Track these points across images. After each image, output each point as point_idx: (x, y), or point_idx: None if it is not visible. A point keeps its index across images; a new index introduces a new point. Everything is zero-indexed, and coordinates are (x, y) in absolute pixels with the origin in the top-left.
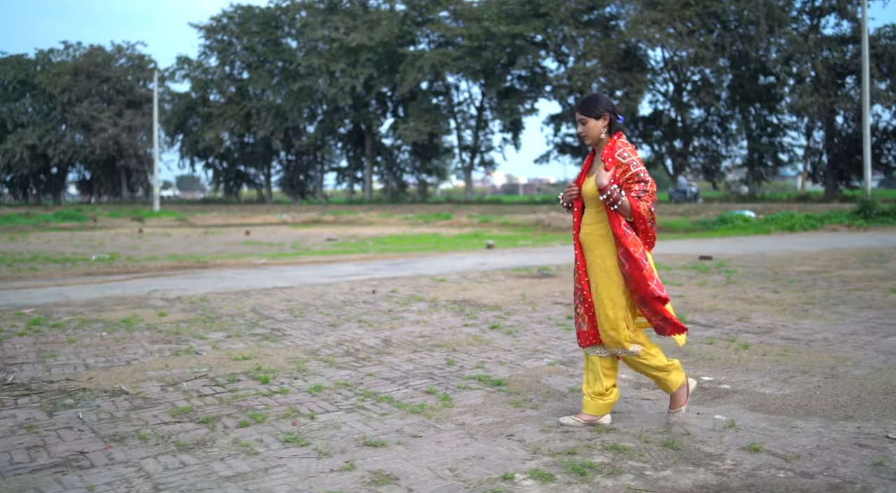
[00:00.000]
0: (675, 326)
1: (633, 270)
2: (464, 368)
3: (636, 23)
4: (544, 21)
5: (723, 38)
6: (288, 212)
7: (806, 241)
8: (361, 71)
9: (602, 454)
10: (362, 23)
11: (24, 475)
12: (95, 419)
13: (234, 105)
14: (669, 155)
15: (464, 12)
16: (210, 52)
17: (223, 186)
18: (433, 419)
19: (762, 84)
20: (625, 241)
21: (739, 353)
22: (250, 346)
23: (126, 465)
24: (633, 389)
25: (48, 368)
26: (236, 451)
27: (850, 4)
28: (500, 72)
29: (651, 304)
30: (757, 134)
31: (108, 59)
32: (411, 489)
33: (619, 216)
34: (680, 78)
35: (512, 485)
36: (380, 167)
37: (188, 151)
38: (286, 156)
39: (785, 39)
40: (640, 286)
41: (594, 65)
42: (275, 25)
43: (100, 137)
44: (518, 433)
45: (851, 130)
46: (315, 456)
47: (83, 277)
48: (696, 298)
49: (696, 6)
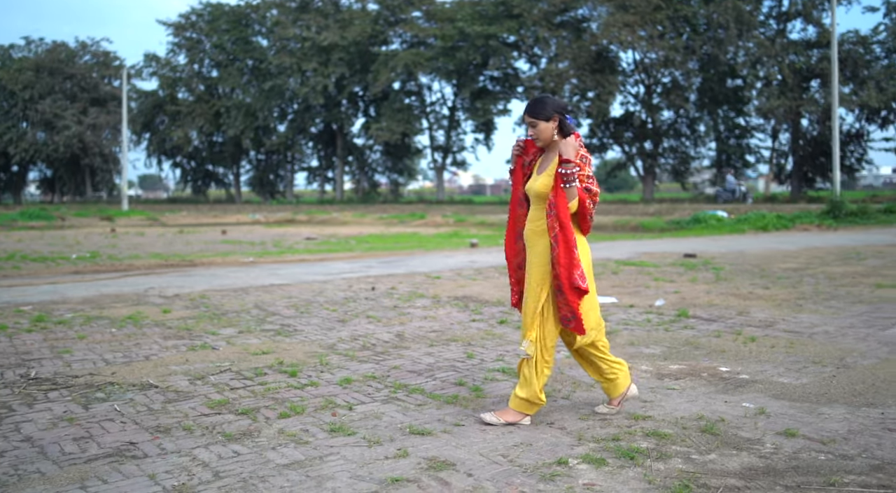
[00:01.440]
0: (578, 324)
1: (565, 254)
2: (484, 361)
3: (608, 25)
4: (517, 22)
5: (693, 42)
6: (259, 211)
7: (781, 240)
8: (333, 70)
9: (645, 439)
10: (334, 22)
11: (79, 465)
12: (133, 412)
13: (204, 103)
14: (640, 156)
15: (436, 13)
16: (178, 50)
17: (191, 185)
18: (470, 409)
19: (730, 87)
20: (566, 221)
21: (748, 345)
22: (264, 341)
23: (179, 454)
24: (657, 379)
25: (67, 363)
26: (285, 441)
27: (815, 10)
28: (472, 72)
29: (567, 292)
30: (725, 136)
31: (71, 55)
32: (470, 474)
33: (566, 199)
34: (650, 80)
35: (567, 469)
36: (351, 167)
37: (155, 149)
38: (256, 155)
39: (753, 43)
40: (564, 271)
41: (566, 66)
42: (245, 24)
43: (63, 135)
44: (557, 421)
45: (816, 133)
46: (365, 445)
47: (72, 275)
48: (692, 294)
49: (667, 9)
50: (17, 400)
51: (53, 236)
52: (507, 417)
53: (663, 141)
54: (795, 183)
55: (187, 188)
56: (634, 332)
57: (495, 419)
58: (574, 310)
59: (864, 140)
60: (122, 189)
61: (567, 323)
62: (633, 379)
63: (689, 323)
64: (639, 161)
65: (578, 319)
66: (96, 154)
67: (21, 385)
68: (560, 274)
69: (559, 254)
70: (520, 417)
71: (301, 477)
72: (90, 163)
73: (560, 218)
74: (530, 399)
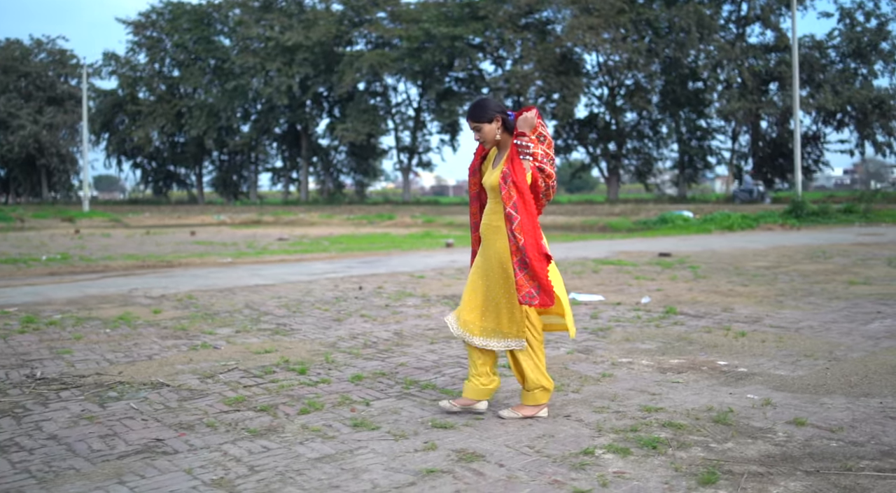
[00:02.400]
0: (548, 294)
1: (527, 220)
2: None
3: (573, 28)
4: (483, 24)
5: (655, 45)
6: (224, 212)
7: (748, 239)
8: (297, 70)
9: (662, 430)
10: (298, 22)
11: (112, 461)
12: (151, 410)
13: (165, 103)
14: (604, 157)
15: (401, 14)
16: (139, 49)
17: (152, 186)
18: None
19: (691, 89)
20: (524, 188)
21: (740, 340)
22: (264, 340)
23: (209, 450)
24: (660, 373)
25: (70, 363)
26: (311, 435)
27: (773, 15)
28: (438, 74)
29: (534, 261)
30: (687, 137)
31: (26, 53)
32: (502, 465)
33: (522, 168)
34: (614, 82)
35: (594, 459)
36: (316, 168)
37: (115, 150)
38: (219, 156)
39: (714, 47)
40: (529, 239)
41: (531, 68)
42: (207, 23)
43: (18, 134)
44: (573, 414)
45: (775, 135)
46: (392, 438)
47: (49, 276)
48: (675, 291)
49: (630, 13)
50: (30, 400)
51: (17, 238)
52: (525, 411)
53: (627, 142)
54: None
55: (148, 189)
56: (627, 328)
57: (513, 414)
58: (540, 281)
59: (820, 142)
60: (84, 190)
61: (531, 300)
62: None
63: (678, 319)
64: (603, 162)
65: (545, 289)
66: (53, 154)
67: (29, 385)
68: (525, 243)
69: (522, 222)
70: (536, 410)
71: (336, 470)
72: (46, 163)
73: (517, 186)
74: (544, 385)
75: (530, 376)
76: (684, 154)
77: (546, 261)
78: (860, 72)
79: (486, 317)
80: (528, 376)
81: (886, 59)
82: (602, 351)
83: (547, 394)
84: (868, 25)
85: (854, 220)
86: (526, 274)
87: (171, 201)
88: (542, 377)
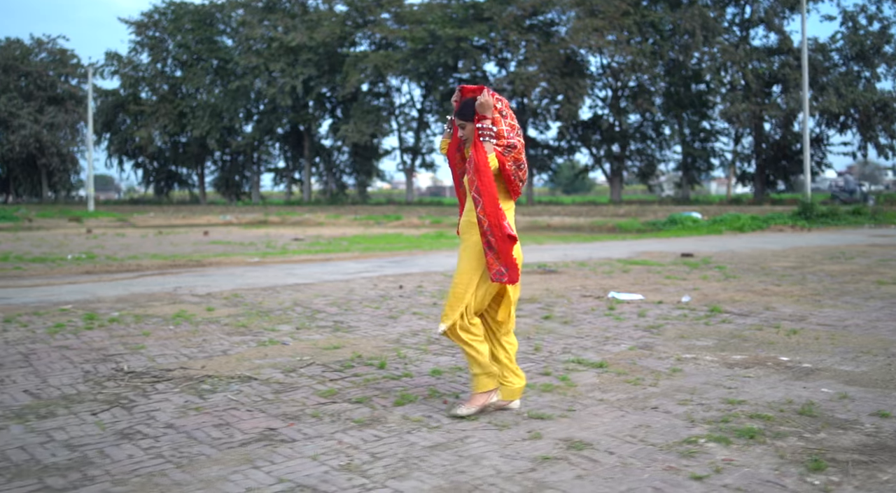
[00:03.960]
0: (513, 272)
1: (489, 203)
2: (553, 353)
3: (578, 30)
4: (487, 26)
5: (660, 47)
6: (228, 213)
7: (763, 240)
8: (301, 71)
9: (752, 421)
10: (301, 23)
11: (236, 448)
12: (251, 401)
13: (168, 103)
14: (607, 159)
15: (405, 15)
16: (141, 49)
17: (153, 186)
18: (569, 396)
19: (695, 91)
20: (484, 169)
21: (793, 338)
22: (328, 337)
23: (323, 439)
24: (727, 368)
25: (151, 358)
26: (414, 425)
27: (776, 18)
28: (442, 75)
29: (500, 241)
30: (690, 139)
31: (27, 52)
32: (612, 452)
33: (484, 152)
34: (618, 84)
35: (698, 447)
36: (318, 168)
37: (116, 150)
38: (221, 156)
39: (717, 49)
40: (493, 220)
41: (536, 70)
42: (209, 23)
43: (19, 134)
44: (661, 405)
45: (779, 137)
46: (495, 428)
47: (85, 275)
48: (711, 291)
49: (635, 15)
50: (130, 392)
51: (31, 237)
52: (477, 402)
53: (630, 144)
54: (758, 185)
55: (149, 189)
56: (677, 326)
57: (468, 410)
58: (507, 260)
59: (823, 144)
60: (88, 190)
61: (501, 277)
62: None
63: (724, 318)
64: (606, 164)
65: (513, 267)
66: (53, 154)
67: (122, 378)
68: (490, 224)
69: (485, 205)
70: (486, 397)
71: (454, 457)
72: (47, 163)
73: (479, 168)
74: (486, 371)
75: (474, 365)
76: (687, 156)
77: (510, 241)
78: (863, 75)
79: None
80: (472, 363)
81: (889, 62)
82: (662, 347)
83: (492, 380)
84: (871, 29)
85: (863, 222)
86: (493, 253)
87: (172, 201)
88: (486, 363)
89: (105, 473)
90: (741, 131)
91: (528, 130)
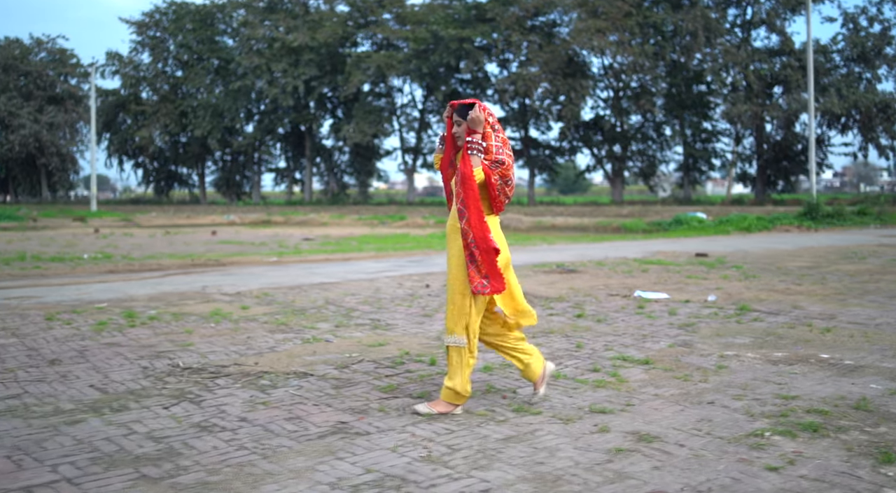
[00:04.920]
0: (497, 279)
1: (474, 215)
2: (596, 350)
3: (580, 31)
4: (490, 26)
5: (662, 48)
6: (231, 213)
7: (773, 240)
8: (303, 71)
9: (810, 415)
10: (303, 23)
11: (315, 441)
12: (314, 396)
13: (169, 103)
14: (609, 159)
15: (407, 15)
16: (142, 49)
17: (153, 186)
18: (623, 391)
19: (696, 92)
20: (470, 182)
21: (827, 335)
22: (369, 334)
23: (396, 432)
24: (771, 364)
25: (203, 355)
26: (482, 419)
27: (778, 19)
28: (444, 75)
29: (482, 254)
30: (691, 140)
31: (26, 52)
32: (682, 444)
33: (470, 165)
34: (619, 84)
35: (765, 440)
36: (319, 168)
37: (116, 150)
38: (222, 156)
39: (719, 50)
40: (477, 232)
41: (538, 70)
42: (210, 23)
43: (18, 134)
44: (716, 401)
45: (780, 137)
46: (560, 422)
47: (110, 274)
48: (734, 290)
49: (637, 16)
50: (193, 387)
51: (40, 237)
52: (439, 407)
53: (631, 144)
54: (759, 186)
55: (149, 189)
56: (711, 324)
57: (428, 410)
58: (491, 270)
59: (824, 145)
60: (92, 190)
61: (483, 289)
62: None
63: (755, 316)
64: (608, 164)
65: (494, 276)
66: (53, 154)
67: (180, 374)
68: (474, 236)
69: (470, 217)
70: (450, 407)
71: (530, 449)
72: (46, 163)
73: (466, 181)
74: (457, 389)
75: (454, 376)
76: (689, 156)
77: (494, 253)
78: (864, 76)
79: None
80: (452, 374)
81: (890, 63)
82: (701, 345)
83: (461, 399)
84: (871, 30)
85: (868, 222)
86: (475, 266)
87: (172, 201)
88: (462, 381)
89: (196, 463)
90: (742, 132)
91: (529, 131)
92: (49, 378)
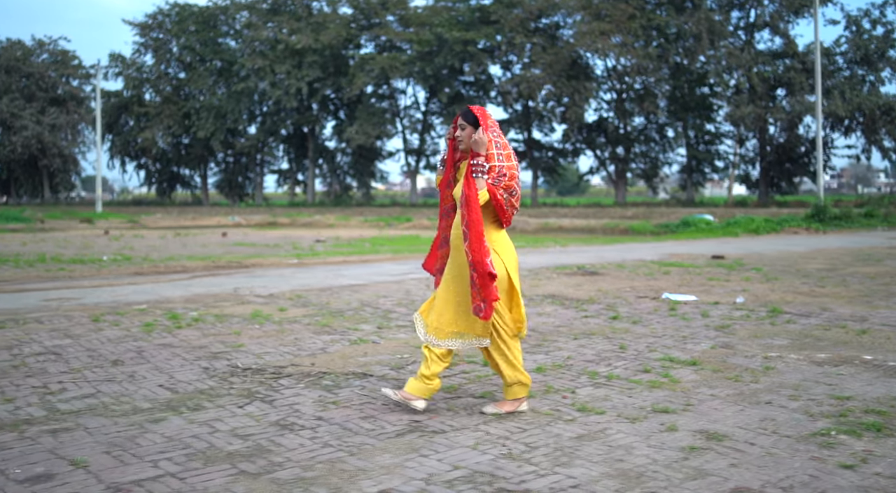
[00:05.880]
0: (488, 310)
1: (475, 239)
2: (640, 352)
3: (583, 33)
4: (493, 29)
5: (665, 51)
6: (234, 214)
7: (784, 242)
8: (307, 73)
9: (869, 415)
10: (307, 25)
11: (393, 439)
12: (379, 396)
13: (172, 105)
14: (612, 161)
15: (410, 17)
16: (145, 51)
17: (156, 187)
18: (678, 391)
19: (699, 94)
20: (475, 205)
21: (863, 337)
22: (413, 336)
23: (471, 430)
24: (816, 365)
25: (258, 355)
26: (549, 419)
27: (781, 22)
28: (447, 77)
29: (478, 279)
30: (694, 142)
31: (28, 53)
32: (751, 443)
33: (475, 187)
34: (623, 86)
35: (833, 439)
36: (322, 170)
37: (118, 151)
38: (224, 157)
39: (722, 52)
40: (477, 256)
41: (541, 72)
42: (213, 25)
43: (21, 135)
44: (773, 401)
45: (783, 140)
46: (627, 421)
47: (137, 276)
48: (760, 292)
49: (640, 18)
50: (259, 387)
51: (53, 239)
52: (506, 407)
53: (634, 146)
54: (763, 188)
55: (151, 190)
56: (746, 326)
57: (495, 410)
58: (487, 294)
59: (828, 147)
60: (97, 191)
61: (478, 311)
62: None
63: (787, 318)
64: (611, 166)
65: (489, 304)
66: (55, 155)
67: (243, 375)
68: (473, 260)
69: (471, 240)
70: (516, 404)
71: (605, 447)
72: (48, 164)
73: (469, 204)
74: (521, 380)
75: (506, 372)
76: (692, 158)
77: (490, 279)
78: (868, 79)
79: (459, 320)
80: (504, 372)
81: (894, 66)
82: (742, 346)
83: (525, 389)
84: (875, 33)
85: (875, 224)
86: (475, 288)
87: (175, 202)
88: (517, 373)
89: (288, 459)
90: (745, 134)
91: (532, 133)
92: (118, 378)
